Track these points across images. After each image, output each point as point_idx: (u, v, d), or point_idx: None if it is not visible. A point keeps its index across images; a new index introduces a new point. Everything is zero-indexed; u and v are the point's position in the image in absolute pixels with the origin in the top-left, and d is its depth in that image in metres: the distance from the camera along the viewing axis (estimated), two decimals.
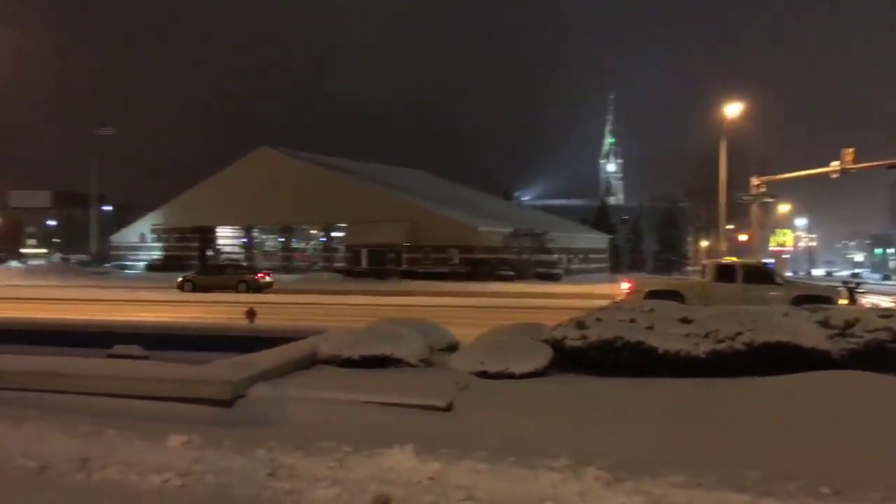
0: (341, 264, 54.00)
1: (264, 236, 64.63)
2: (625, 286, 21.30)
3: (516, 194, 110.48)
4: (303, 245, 64.05)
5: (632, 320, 7.22)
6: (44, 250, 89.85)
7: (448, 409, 5.85)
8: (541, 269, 47.13)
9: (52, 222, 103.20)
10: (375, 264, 50.33)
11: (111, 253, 67.46)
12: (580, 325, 7.37)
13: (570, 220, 72.18)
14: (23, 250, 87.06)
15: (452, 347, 8.49)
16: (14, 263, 58.47)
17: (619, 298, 17.24)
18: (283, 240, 62.29)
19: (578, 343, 7.15)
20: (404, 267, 49.24)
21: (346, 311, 21.96)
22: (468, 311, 22.11)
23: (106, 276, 50.36)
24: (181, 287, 33.97)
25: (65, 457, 4.67)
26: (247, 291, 32.48)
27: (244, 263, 43.31)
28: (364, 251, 52.00)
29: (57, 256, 75.21)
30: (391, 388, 6.24)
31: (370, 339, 7.45)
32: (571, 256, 58.61)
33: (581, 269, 57.79)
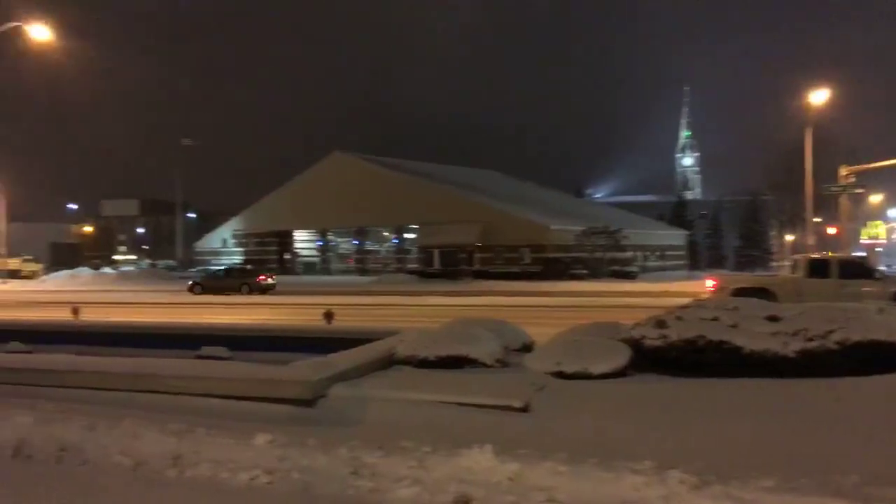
0: (414, 265, 54.51)
1: (339, 239, 65.98)
2: (709, 284, 20.57)
3: (588, 192, 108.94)
4: (376, 247, 65.04)
5: (714, 319, 6.98)
6: (133, 256, 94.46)
7: (525, 409, 5.81)
8: (615, 268, 46.24)
9: (140, 230, 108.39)
10: (448, 265, 50.56)
11: (195, 258, 70.30)
12: (660, 323, 7.18)
13: (645, 217, 70.52)
14: (115, 257, 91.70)
15: (527, 347, 8.43)
16: (107, 269, 61.70)
17: (703, 296, 16.67)
18: (356, 242, 63.42)
19: (658, 342, 6.97)
20: (476, 267, 49.27)
21: (420, 312, 22.14)
22: (541, 311, 21.94)
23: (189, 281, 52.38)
24: (191, 290, 35.81)
25: (159, 454, 4.88)
26: (249, 293, 34.36)
27: (248, 267, 45.68)
28: (436, 252, 52.32)
29: (145, 262, 78.98)
30: (467, 388, 6.25)
31: (446, 340, 7.48)
32: (647, 254, 57.26)
33: (657, 266, 56.35)
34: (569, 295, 30.43)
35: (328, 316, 12.37)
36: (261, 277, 36.84)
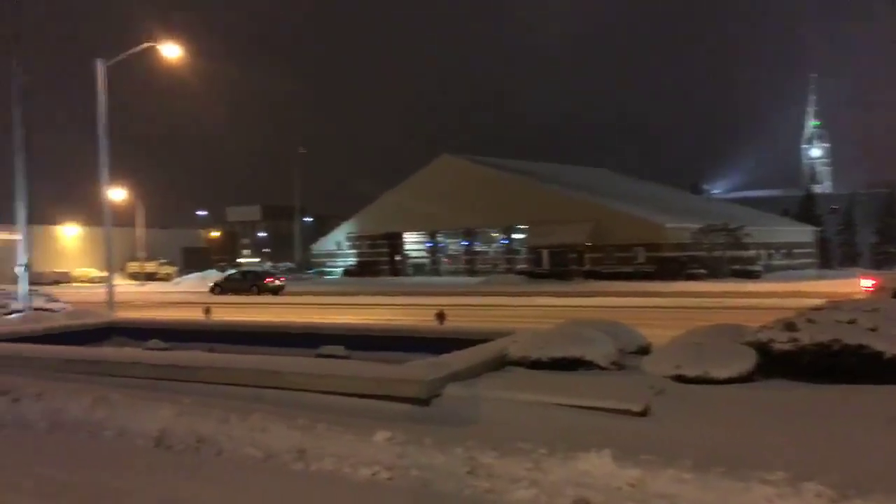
0: (523, 266, 54.25)
1: (448, 240, 66.72)
2: (866, 284, 18.95)
3: (706, 187, 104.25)
4: (485, 248, 65.25)
5: (852, 321, 6.49)
6: (256, 259, 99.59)
7: (644, 413, 5.64)
8: (737, 267, 44.02)
9: (262, 234, 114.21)
10: (557, 265, 49.98)
11: (312, 260, 73.25)
12: (789, 326, 6.76)
13: (768, 213, 66.69)
14: (239, 259, 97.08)
15: (644, 350, 8.17)
16: (232, 272, 65.44)
17: (856, 296, 15.38)
18: (465, 243, 63.90)
19: (787, 346, 6.57)
20: (587, 267, 48.39)
21: (529, 313, 22.02)
22: (657, 312, 21.24)
23: (307, 282, 54.73)
24: (212, 290, 40.30)
25: (285, 448, 5.13)
26: (258, 293, 38.76)
27: (260, 270, 50.04)
28: (546, 252, 51.83)
29: (267, 265, 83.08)
30: (583, 390, 6.15)
31: (559, 341, 7.39)
32: (772, 252, 54.12)
33: (783, 265, 53.12)
34: (686, 295, 29.27)
35: (440, 316, 12.52)
36: (268, 279, 41.50)
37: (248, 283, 40.45)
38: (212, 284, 42.27)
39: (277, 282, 41.21)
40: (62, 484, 4.76)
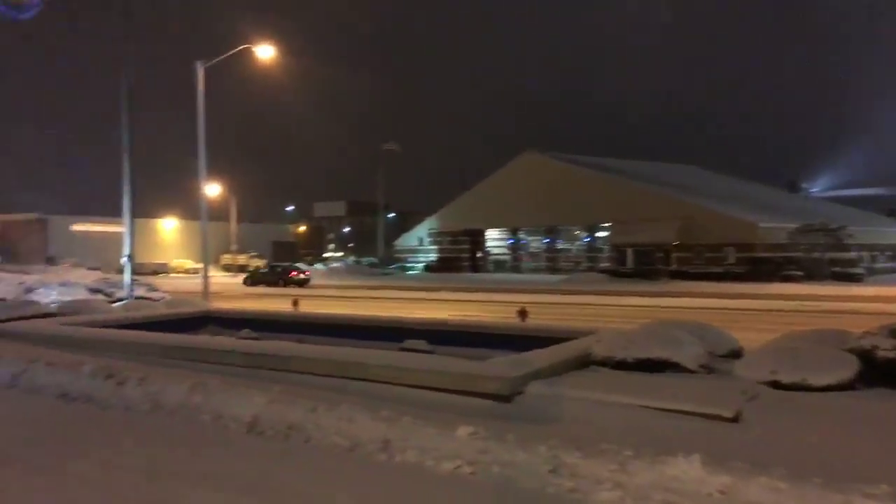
0: (606, 264, 53.28)
1: (529, 237, 66.31)
2: None
3: (804, 186, 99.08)
4: (567, 245, 64.48)
5: None
6: (340, 253, 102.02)
7: (735, 419, 5.44)
8: (837, 269, 41.71)
9: (346, 229, 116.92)
10: (642, 264, 48.81)
11: (395, 255, 74.40)
12: (895, 332, 6.37)
13: (872, 213, 62.83)
14: (325, 254, 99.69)
15: (735, 354, 7.88)
16: (318, 265, 67.39)
17: None
18: (547, 241, 63.32)
19: (892, 354, 6.19)
20: (674, 267, 47.02)
21: (612, 313, 21.61)
22: (749, 315, 20.42)
23: (389, 277, 55.67)
24: (244, 282, 46.73)
25: (370, 438, 5.24)
26: (284, 286, 43.33)
27: (286, 265, 53.20)
28: (630, 251, 50.71)
29: (351, 259, 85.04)
30: (670, 393, 5.99)
31: (645, 342, 7.23)
32: (875, 254, 50.99)
33: (888, 268, 49.97)
34: (781, 298, 27.98)
35: (522, 313, 12.48)
36: (293, 273, 47.00)
37: (276, 277, 46.23)
38: (244, 277, 49.33)
39: (302, 275, 46.64)
40: (164, 464, 5.04)
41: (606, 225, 54.97)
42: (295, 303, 17.11)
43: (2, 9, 13.09)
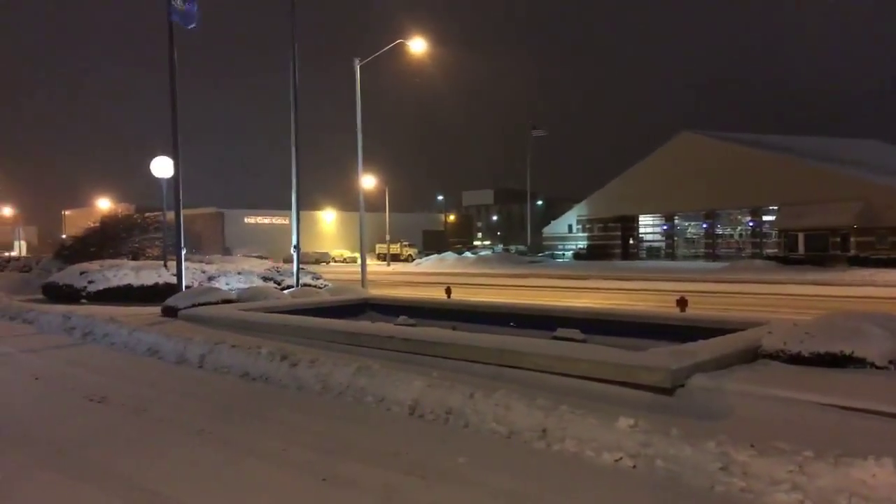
0: (773, 250, 49.66)
1: (686, 223, 63.25)
2: None
3: None
4: (728, 231, 60.82)
5: None
6: (488, 242, 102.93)
7: None
8: None
9: (494, 217, 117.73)
10: (815, 250, 44.98)
11: (544, 243, 73.90)
12: None
13: None
14: (474, 242, 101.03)
15: None
16: (467, 254, 68.44)
17: None
18: (705, 226, 60.05)
19: None
20: (852, 253, 42.88)
21: (781, 302, 20.13)
22: None
23: (538, 265, 55.38)
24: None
25: (527, 426, 5.26)
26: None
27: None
28: (801, 235, 46.88)
29: (499, 247, 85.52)
30: (854, 390, 5.50)
31: (823, 334, 6.67)
32: None
33: None
34: None
35: (682, 303, 11.95)
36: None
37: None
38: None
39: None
40: (335, 441, 5.37)
41: (773, 208, 51.14)
42: (448, 291, 17.51)
43: (176, 18, 14.40)
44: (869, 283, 27.74)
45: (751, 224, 56.65)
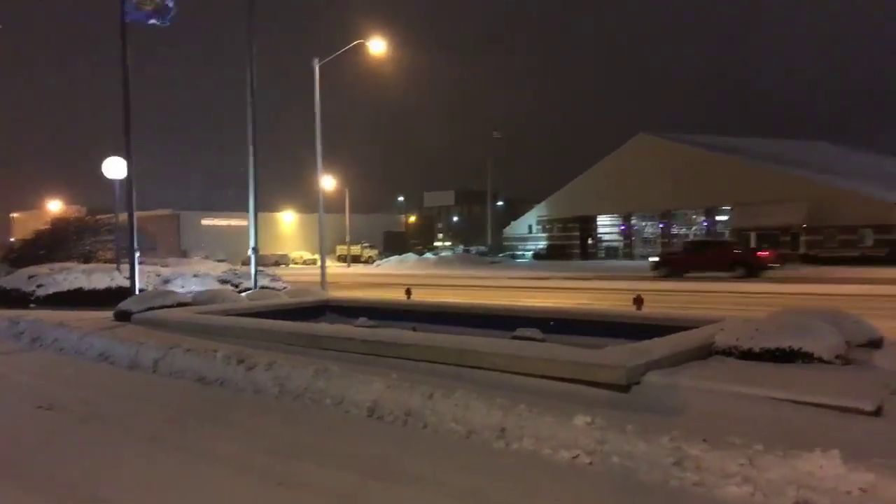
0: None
1: (643, 223, 64.34)
2: None
3: None
4: (684, 230, 62.08)
5: None
6: (449, 243, 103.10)
7: (877, 413, 5.07)
8: None
9: (455, 218, 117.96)
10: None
11: (504, 244, 74.31)
12: None
13: None
14: (435, 243, 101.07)
15: (875, 343, 7.33)
16: (428, 255, 68.46)
17: None
18: (662, 226, 61.17)
19: None
20: (803, 251, 44.17)
21: (735, 300, 20.61)
22: (890, 302, 18.88)
23: (498, 265, 55.71)
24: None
25: (486, 425, 5.28)
26: None
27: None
28: (753, 235, 48.09)
29: (460, 248, 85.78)
30: (802, 385, 5.65)
31: (773, 330, 6.84)
32: None
33: None
34: None
35: (638, 301, 12.13)
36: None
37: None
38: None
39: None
40: (292, 444, 5.31)
41: (727, 208, 52.38)
42: (408, 292, 17.47)
43: (146, 17, 14.05)
44: (819, 280, 28.57)
45: (705, 224, 57.91)
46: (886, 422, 4.96)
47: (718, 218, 55.50)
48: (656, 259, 36.70)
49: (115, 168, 16.40)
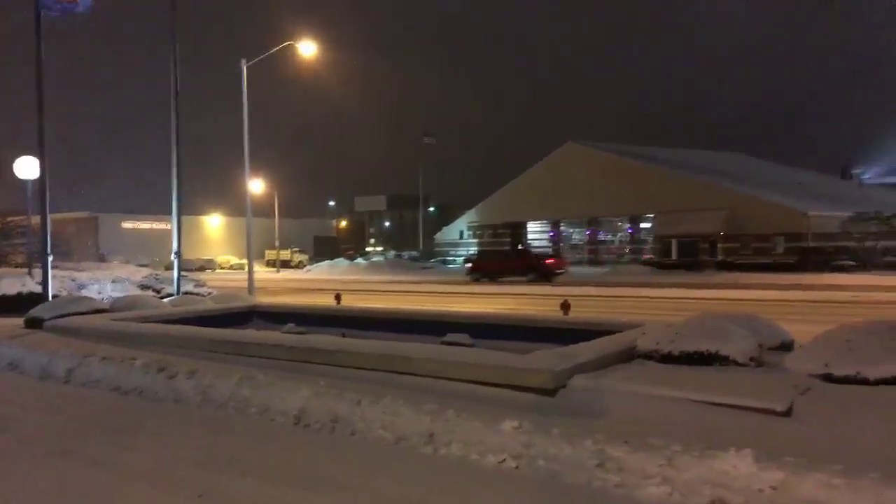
0: (650, 256, 52.51)
1: (571, 229, 65.75)
2: None
3: (856, 172, 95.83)
4: (609, 237, 63.79)
5: None
6: (381, 248, 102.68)
7: (787, 413, 5.31)
8: (891, 259, 40.36)
9: (387, 223, 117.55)
10: (687, 255, 47.97)
11: (436, 249, 74.52)
12: None
13: None
14: (366, 248, 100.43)
15: (786, 346, 7.70)
16: (360, 260, 67.94)
17: None
18: (589, 232, 62.70)
19: None
20: (720, 258, 46.07)
21: (657, 305, 21.30)
22: (800, 306, 19.91)
23: (430, 271, 55.83)
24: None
25: (415, 432, 5.27)
26: None
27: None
28: (674, 242, 49.87)
29: (392, 253, 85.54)
30: (718, 387, 5.87)
31: (692, 335, 7.09)
32: None
33: None
34: (833, 289, 27.20)
35: (565, 306, 12.37)
36: None
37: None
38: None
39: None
40: (214, 455, 5.15)
41: (650, 216, 54.16)
42: (338, 297, 17.28)
43: (63, 10, 13.44)
44: (734, 286, 29.86)
45: (630, 231, 59.70)
46: (796, 422, 5.20)
47: (643, 225, 57.32)
48: (469, 265, 43.45)
49: (27, 168, 15.59)
